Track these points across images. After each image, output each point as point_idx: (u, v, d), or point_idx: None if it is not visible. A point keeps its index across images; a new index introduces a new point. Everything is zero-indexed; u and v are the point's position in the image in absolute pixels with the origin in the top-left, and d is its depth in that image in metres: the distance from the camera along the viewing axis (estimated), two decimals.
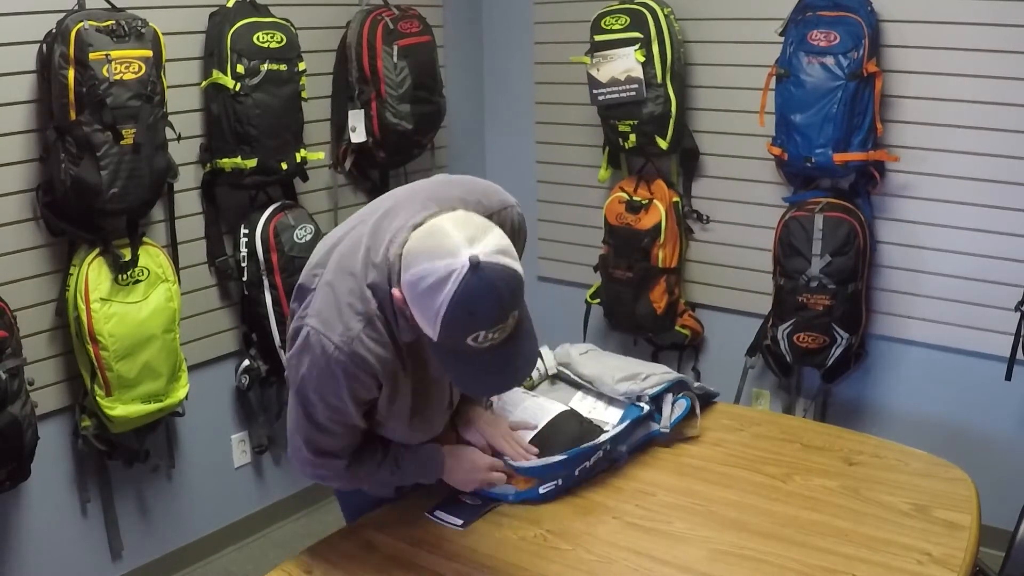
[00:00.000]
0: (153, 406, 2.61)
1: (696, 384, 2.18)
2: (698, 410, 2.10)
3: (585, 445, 1.88)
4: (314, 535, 1.88)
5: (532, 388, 2.16)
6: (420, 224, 1.47)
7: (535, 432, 1.91)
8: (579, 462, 1.86)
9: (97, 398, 2.51)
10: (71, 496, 2.72)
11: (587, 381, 2.14)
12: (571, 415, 1.98)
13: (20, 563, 2.62)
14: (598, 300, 3.45)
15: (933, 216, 2.87)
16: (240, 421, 3.16)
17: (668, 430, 2.01)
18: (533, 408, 1.98)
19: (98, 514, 2.79)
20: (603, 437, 1.91)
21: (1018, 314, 2.58)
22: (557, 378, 2.21)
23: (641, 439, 2.01)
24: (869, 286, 2.97)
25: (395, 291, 1.46)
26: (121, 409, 2.54)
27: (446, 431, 1.87)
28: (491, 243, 1.37)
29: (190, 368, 2.76)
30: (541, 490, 1.84)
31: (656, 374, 2.10)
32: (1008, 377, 2.67)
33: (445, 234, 1.39)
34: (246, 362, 3.00)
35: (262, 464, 3.27)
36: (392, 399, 1.62)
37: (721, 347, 3.40)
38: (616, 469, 1.95)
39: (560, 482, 1.85)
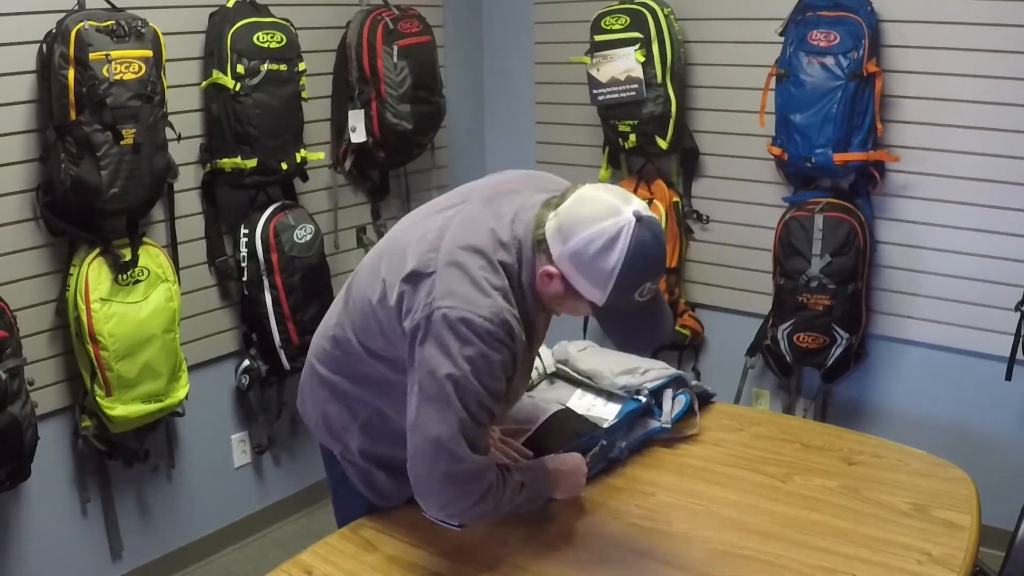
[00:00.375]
0: (153, 406, 2.61)
1: (694, 383, 2.19)
2: (696, 408, 2.10)
3: (581, 439, 1.87)
4: (314, 535, 1.87)
5: (531, 388, 2.16)
6: (546, 202, 1.54)
7: (530, 432, 1.91)
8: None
9: (97, 398, 2.51)
10: (71, 496, 2.72)
11: (586, 376, 2.14)
12: (567, 413, 1.98)
13: (20, 563, 2.62)
14: None
15: (933, 216, 2.87)
16: (240, 421, 3.16)
17: (670, 425, 2.01)
18: (529, 407, 1.98)
19: (98, 514, 2.79)
20: (600, 432, 1.91)
21: (1018, 314, 2.58)
22: (556, 376, 2.21)
23: (641, 437, 2.01)
24: (869, 286, 2.97)
25: (547, 268, 1.50)
26: (121, 409, 2.54)
27: None
28: (637, 200, 1.48)
29: (190, 368, 2.76)
30: None
31: (655, 369, 2.10)
32: (1008, 377, 2.67)
33: (599, 200, 1.47)
34: (246, 362, 3.00)
35: (262, 464, 3.27)
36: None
37: (721, 347, 3.40)
38: (616, 469, 1.95)
39: None
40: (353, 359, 1.71)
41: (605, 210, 1.45)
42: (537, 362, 2.17)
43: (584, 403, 2.08)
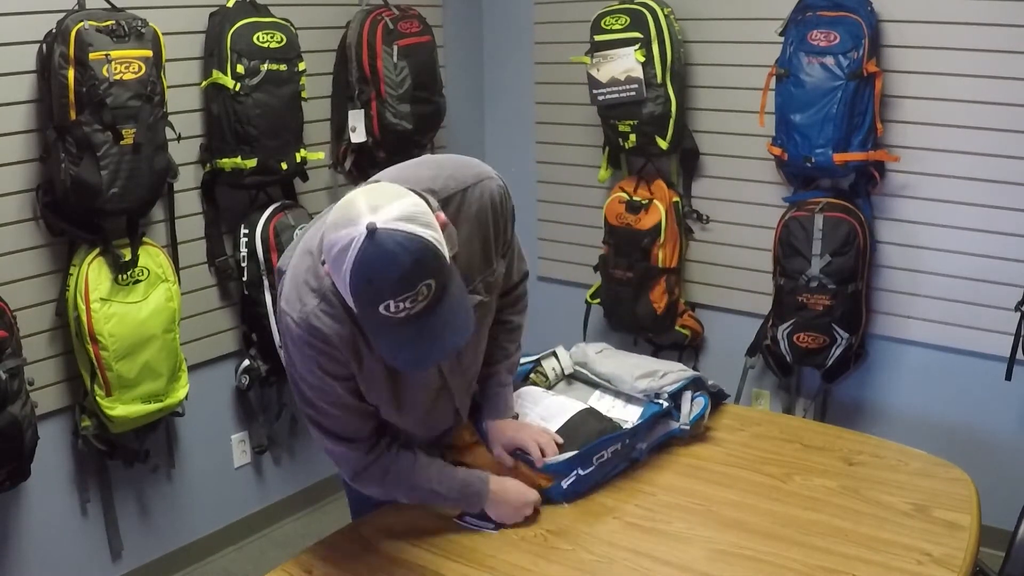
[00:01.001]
0: (153, 406, 2.61)
1: (710, 382, 2.17)
2: (707, 409, 2.09)
3: (602, 439, 1.86)
4: (314, 535, 1.88)
5: (549, 389, 2.15)
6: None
7: (556, 430, 1.90)
8: (595, 451, 1.84)
9: (97, 398, 2.51)
10: (71, 496, 2.72)
11: (605, 380, 2.13)
12: (590, 413, 1.97)
13: (20, 563, 2.63)
14: (598, 300, 3.45)
15: (933, 216, 2.87)
16: (240, 421, 3.16)
17: (688, 427, 2.01)
18: (553, 407, 1.97)
19: (98, 514, 2.79)
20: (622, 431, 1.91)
21: (1018, 314, 2.58)
22: (574, 378, 2.20)
23: (660, 437, 2.00)
24: (869, 286, 2.97)
25: (325, 266, 1.44)
26: (121, 409, 2.54)
27: (459, 431, 1.87)
28: (395, 210, 1.35)
29: (190, 368, 2.76)
30: (564, 484, 1.82)
31: (673, 372, 2.09)
32: (1008, 377, 2.67)
33: (352, 204, 1.37)
34: (246, 362, 3.01)
35: (262, 464, 3.27)
36: (368, 381, 1.60)
37: (721, 347, 3.40)
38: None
39: (580, 471, 1.83)
40: None
41: (347, 218, 1.36)
42: (554, 363, 2.16)
43: (603, 405, 2.07)
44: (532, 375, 2.16)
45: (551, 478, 1.83)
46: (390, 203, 1.36)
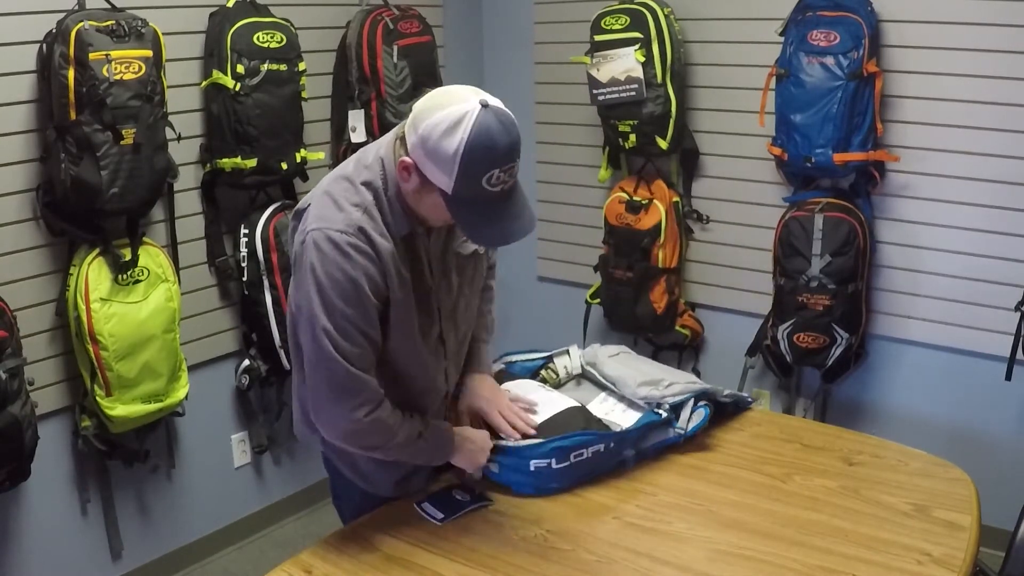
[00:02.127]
0: (153, 406, 2.61)
1: (727, 392, 2.14)
2: (706, 421, 2.05)
3: (583, 432, 1.87)
4: (314, 535, 1.88)
5: (557, 386, 2.15)
6: (402, 128, 1.59)
7: (539, 423, 1.90)
8: (573, 448, 1.84)
9: (97, 398, 2.51)
10: (71, 496, 2.72)
11: (610, 382, 2.13)
12: (579, 411, 1.97)
13: (20, 563, 2.63)
14: (598, 300, 3.45)
15: (933, 216, 2.87)
16: (240, 421, 3.16)
17: (684, 431, 1.99)
18: (543, 400, 1.97)
19: (98, 514, 2.80)
20: (606, 433, 1.91)
21: (1018, 314, 2.58)
22: (583, 378, 2.20)
23: (656, 445, 1.98)
24: (869, 286, 2.97)
25: (403, 160, 1.54)
26: (121, 409, 2.54)
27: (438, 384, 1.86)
28: (491, 97, 1.50)
29: (190, 368, 2.76)
30: (531, 466, 1.82)
31: (680, 383, 2.07)
32: (1008, 377, 2.67)
33: (449, 91, 1.51)
34: (246, 362, 3.01)
35: (262, 464, 3.27)
36: (398, 305, 1.64)
37: (721, 347, 3.40)
38: (617, 468, 1.94)
39: (553, 463, 1.82)
40: (294, 328, 1.73)
41: (454, 98, 1.49)
42: (566, 361, 2.17)
43: (604, 407, 2.07)
44: (543, 371, 2.16)
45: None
46: (481, 92, 1.51)
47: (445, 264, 1.75)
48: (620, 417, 2.03)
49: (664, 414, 1.99)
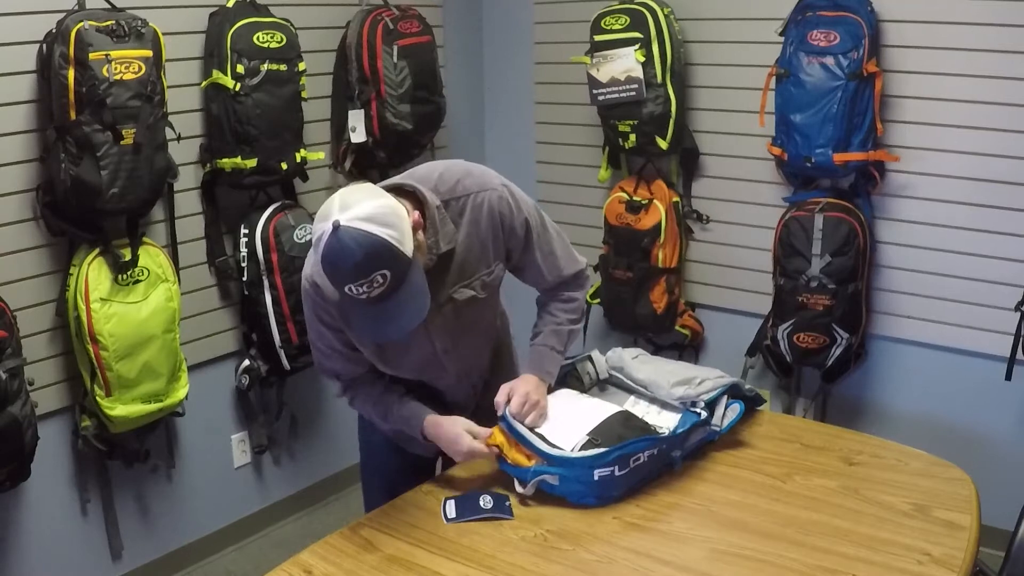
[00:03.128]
0: (153, 406, 2.61)
1: (747, 387, 2.14)
2: (742, 415, 2.05)
3: (641, 438, 1.84)
4: (314, 535, 1.88)
5: (583, 393, 2.12)
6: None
7: (591, 428, 1.87)
8: (633, 453, 1.81)
9: (97, 398, 2.51)
10: (71, 496, 2.72)
11: (641, 385, 2.10)
12: (626, 416, 1.94)
13: (20, 563, 2.62)
14: (598, 300, 3.45)
15: (933, 216, 2.87)
16: (240, 421, 3.16)
17: (719, 427, 1.98)
18: (588, 407, 1.95)
19: (98, 514, 2.79)
20: (659, 436, 1.89)
21: (1018, 314, 2.58)
22: (609, 383, 2.17)
23: (696, 444, 1.96)
24: (869, 286, 2.97)
25: None
26: (121, 409, 2.54)
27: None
28: (360, 211, 1.57)
29: (190, 368, 2.76)
30: (596, 475, 1.79)
31: (710, 379, 2.06)
32: (1008, 377, 2.67)
33: (331, 202, 1.61)
34: (246, 362, 3.00)
35: (262, 464, 3.27)
36: (360, 342, 1.85)
37: (721, 347, 3.40)
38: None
39: (616, 470, 1.79)
40: None
41: (323, 214, 1.60)
42: (589, 367, 2.15)
43: (638, 411, 2.03)
44: (567, 379, 2.13)
45: (532, 456, 1.83)
46: (359, 203, 1.58)
47: (439, 305, 1.83)
48: (657, 419, 2.00)
49: (703, 413, 1.98)
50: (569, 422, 1.90)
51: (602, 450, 1.80)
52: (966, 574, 1.59)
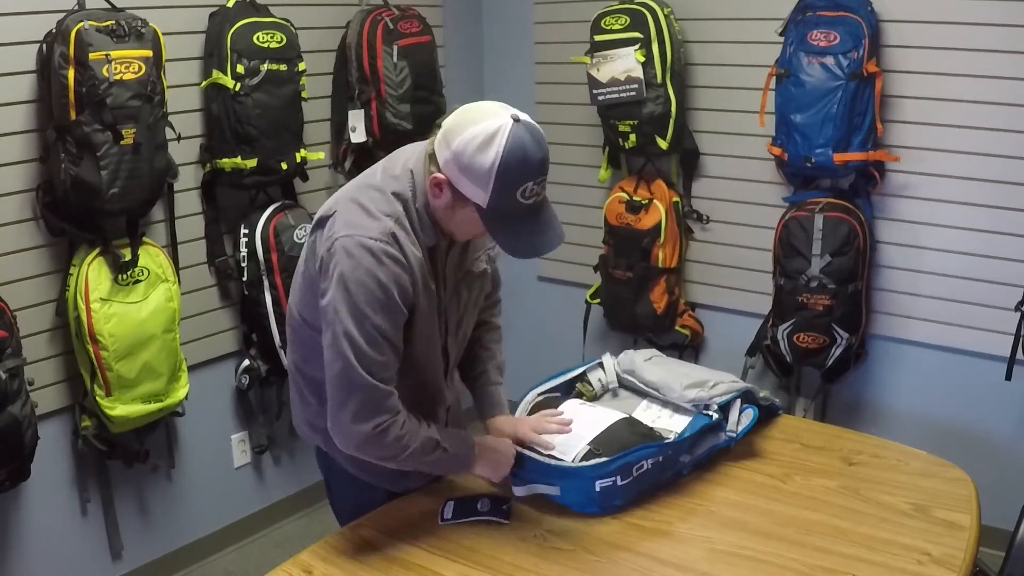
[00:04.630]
0: (153, 406, 2.61)
1: (762, 395, 2.11)
2: (755, 421, 2.03)
3: (645, 445, 1.81)
4: (314, 535, 1.88)
5: (594, 399, 2.10)
6: (431, 145, 1.61)
7: (592, 438, 1.84)
8: (634, 462, 1.78)
9: (97, 398, 2.51)
10: (71, 496, 2.72)
11: (653, 388, 2.07)
12: (629, 423, 1.91)
13: (20, 563, 2.63)
14: (598, 300, 3.45)
15: (933, 216, 2.87)
16: (240, 421, 3.16)
17: (735, 434, 1.95)
18: (591, 417, 1.92)
19: (98, 514, 2.80)
20: (663, 442, 1.86)
21: (1018, 314, 2.58)
22: (621, 386, 2.15)
23: (708, 451, 1.94)
24: (869, 286, 2.97)
25: (435, 176, 1.57)
26: (121, 409, 2.54)
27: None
28: (519, 112, 1.54)
29: (190, 368, 2.76)
30: (597, 486, 1.76)
31: (724, 382, 2.03)
32: (1008, 377, 2.67)
33: (480, 107, 1.55)
34: (246, 362, 3.01)
35: (262, 464, 3.27)
36: (422, 314, 1.66)
37: (721, 347, 3.40)
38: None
39: (618, 480, 1.77)
40: (296, 334, 1.76)
41: (486, 114, 1.52)
42: (600, 374, 2.12)
43: (649, 414, 2.02)
44: (579, 385, 2.11)
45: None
46: (509, 107, 1.55)
47: (457, 279, 1.77)
48: (668, 423, 1.98)
49: (714, 416, 1.94)
50: (572, 433, 1.87)
51: (602, 460, 1.77)
52: (966, 574, 1.59)
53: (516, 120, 1.51)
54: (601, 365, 2.15)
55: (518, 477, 1.83)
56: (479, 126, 1.50)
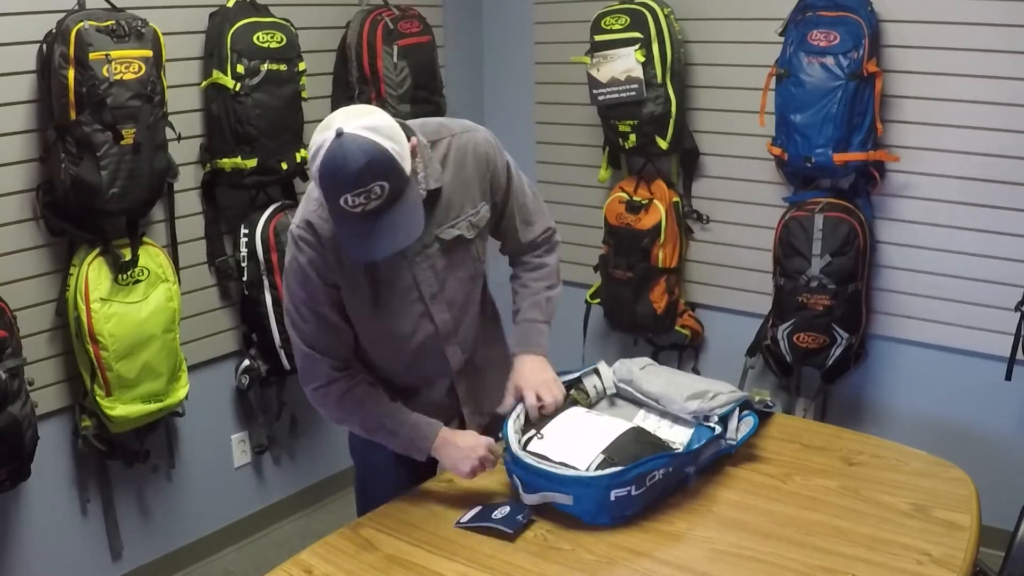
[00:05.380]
0: (153, 406, 2.61)
1: (757, 400, 2.10)
2: (756, 428, 2.02)
3: (657, 455, 1.79)
4: (314, 535, 1.87)
5: (590, 407, 2.05)
6: None
7: (605, 447, 1.81)
8: (648, 472, 1.76)
9: (97, 398, 2.51)
10: (71, 496, 2.72)
11: (652, 399, 2.04)
12: (638, 431, 1.89)
13: (20, 563, 2.63)
14: (598, 300, 3.45)
15: (933, 216, 2.87)
16: (240, 421, 3.16)
17: (735, 442, 1.94)
18: (599, 426, 1.89)
19: (98, 514, 2.80)
20: (674, 451, 1.84)
21: (1018, 314, 2.58)
22: (618, 396, 2.11)
23: (710, 458, 1.92)
24: (869, 286, 2.97)
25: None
26: (121, 409, 2.54)
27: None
28: (365, 122, 1.58)
29: (190, 368, 2.76)
30: (612, 496, 1.73)
31: (723, 393, 2.01)
32: (1008, 377, 2.67)
33: (333, 116, 1.62)
34: (246, 362, 3.01)
35: (262, 464, 3.27)
36: (349, 287, 1.80)
37: (721, 347, 3.40)
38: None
39: (633, 490, 1.74)
40: None
41: (325, 125, 1.60)
42: (596, 380, 2.10)
43: (648, 424, 1.99)
44: (573, 392, 2.07)
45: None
46: (361, 117, 1.60)
47: (425, 247, 1.83)
48: (668, 433, 1.96)
49: (717, 428, 1.93)
50: (581, 441, 1.84)
51: (619, 469, 1.74)
52: (966, 574, 1.59)
53: (339, 135, 1.55)
54: (596, 372, 2.11)
55: (529, 485, 1.79)
56: (317, 137, 1.59)
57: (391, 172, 1.58)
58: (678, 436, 1.95)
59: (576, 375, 2.10)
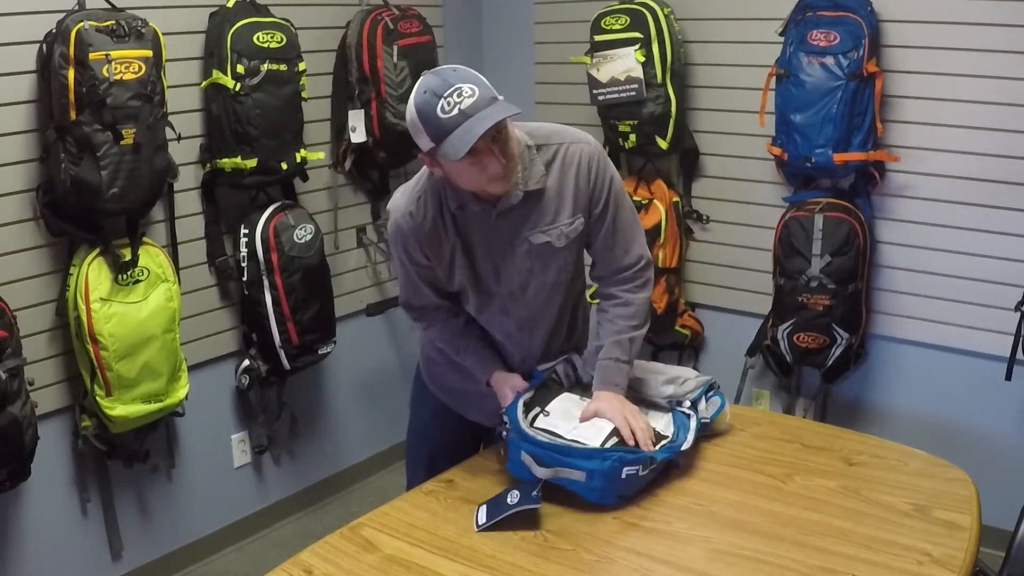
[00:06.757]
0: (153, 406, 2.61)
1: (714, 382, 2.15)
2: (724, 406, 2.08)
3: (661, 448, 1.87)
4: (314, 535, 1.87)
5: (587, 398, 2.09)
6: None
7: (611, 429, 1.87)
8: (649, 457, 1.82)
9: (97, 398, 2.51)
10: (71, 496, 2.72)
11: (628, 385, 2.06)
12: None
13: (20, 563, 2.63)
14: (598, 300, 3.44)
15: (933, 216, 2.87)
16: (240, 421, 3.16)
17: (708, 419, 2.01)
18: (600, 421, 1.93)
19: (98, 514, 2.79)
20: (662, 444, 1.91)
21: (1018, 314, 2.58)
22: (591, 385, 2.12)
23: (691, 441, 1.96)
24: (869, 286, 2.97)
25: (420, 156, 1.82)
26: (121, 409, 2.54)
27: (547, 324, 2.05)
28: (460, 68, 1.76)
29: (190, 368, 2.76)
30: (624, 473, 1.79)
31: (691, 378, 2.07)
32: (1008, 377, 2.67)
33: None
34: (246, 362, 3.00)
35: (262, 464, 3.27)
36: (448, 266, 1.94)
37: (721, 347, 3.40)
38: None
39: (640, 470, 1.80)
40: None
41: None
42: (568, 370, 2.12)
43: None
44: (548, 382, 2.10)
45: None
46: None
47: (510, 244, 1.92)
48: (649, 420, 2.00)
49: (688, 412, 2.00)
50: (588, 422, 1.90)
51: (632, 447, 1.83)
52: (966, 574, 1.59)
53: (427, 71, 1.75)
54: (570, 361, 2.14)
55: (542, 459, 1.82)
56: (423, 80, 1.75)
57: (478, 81, 1.74)
58: (655, 422, 1.99)
59: (549, 366, 2.13)
